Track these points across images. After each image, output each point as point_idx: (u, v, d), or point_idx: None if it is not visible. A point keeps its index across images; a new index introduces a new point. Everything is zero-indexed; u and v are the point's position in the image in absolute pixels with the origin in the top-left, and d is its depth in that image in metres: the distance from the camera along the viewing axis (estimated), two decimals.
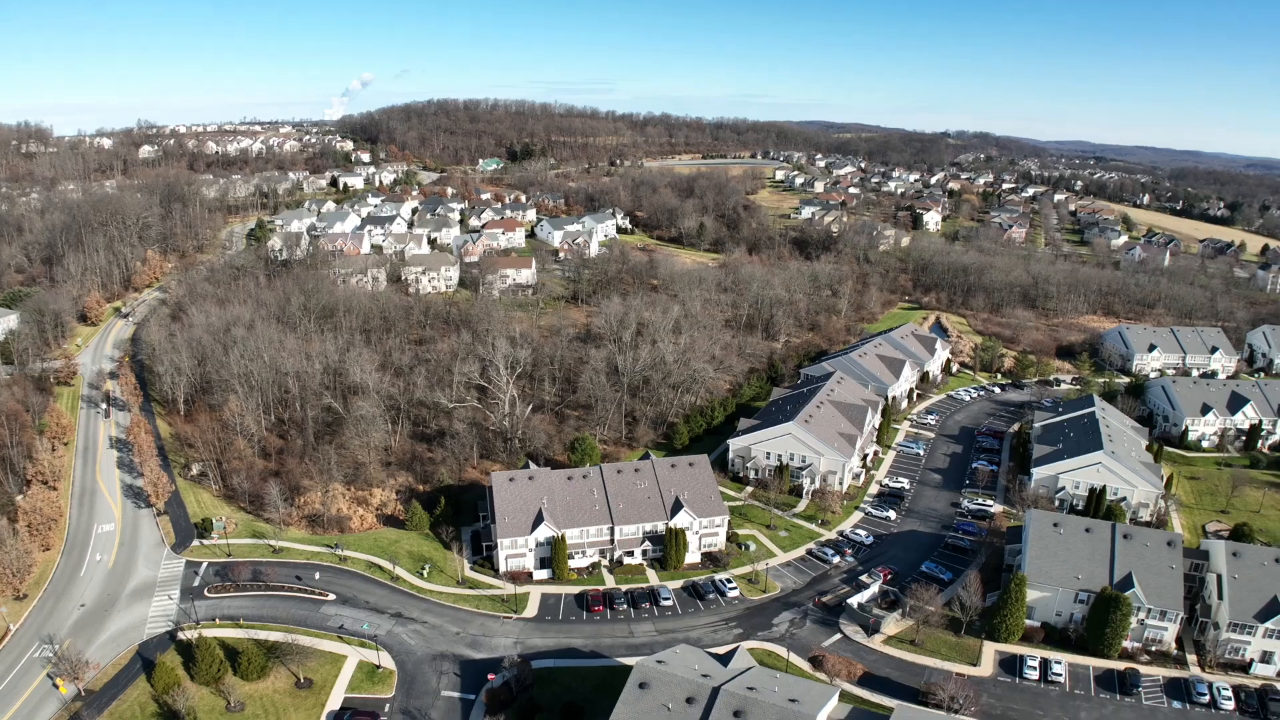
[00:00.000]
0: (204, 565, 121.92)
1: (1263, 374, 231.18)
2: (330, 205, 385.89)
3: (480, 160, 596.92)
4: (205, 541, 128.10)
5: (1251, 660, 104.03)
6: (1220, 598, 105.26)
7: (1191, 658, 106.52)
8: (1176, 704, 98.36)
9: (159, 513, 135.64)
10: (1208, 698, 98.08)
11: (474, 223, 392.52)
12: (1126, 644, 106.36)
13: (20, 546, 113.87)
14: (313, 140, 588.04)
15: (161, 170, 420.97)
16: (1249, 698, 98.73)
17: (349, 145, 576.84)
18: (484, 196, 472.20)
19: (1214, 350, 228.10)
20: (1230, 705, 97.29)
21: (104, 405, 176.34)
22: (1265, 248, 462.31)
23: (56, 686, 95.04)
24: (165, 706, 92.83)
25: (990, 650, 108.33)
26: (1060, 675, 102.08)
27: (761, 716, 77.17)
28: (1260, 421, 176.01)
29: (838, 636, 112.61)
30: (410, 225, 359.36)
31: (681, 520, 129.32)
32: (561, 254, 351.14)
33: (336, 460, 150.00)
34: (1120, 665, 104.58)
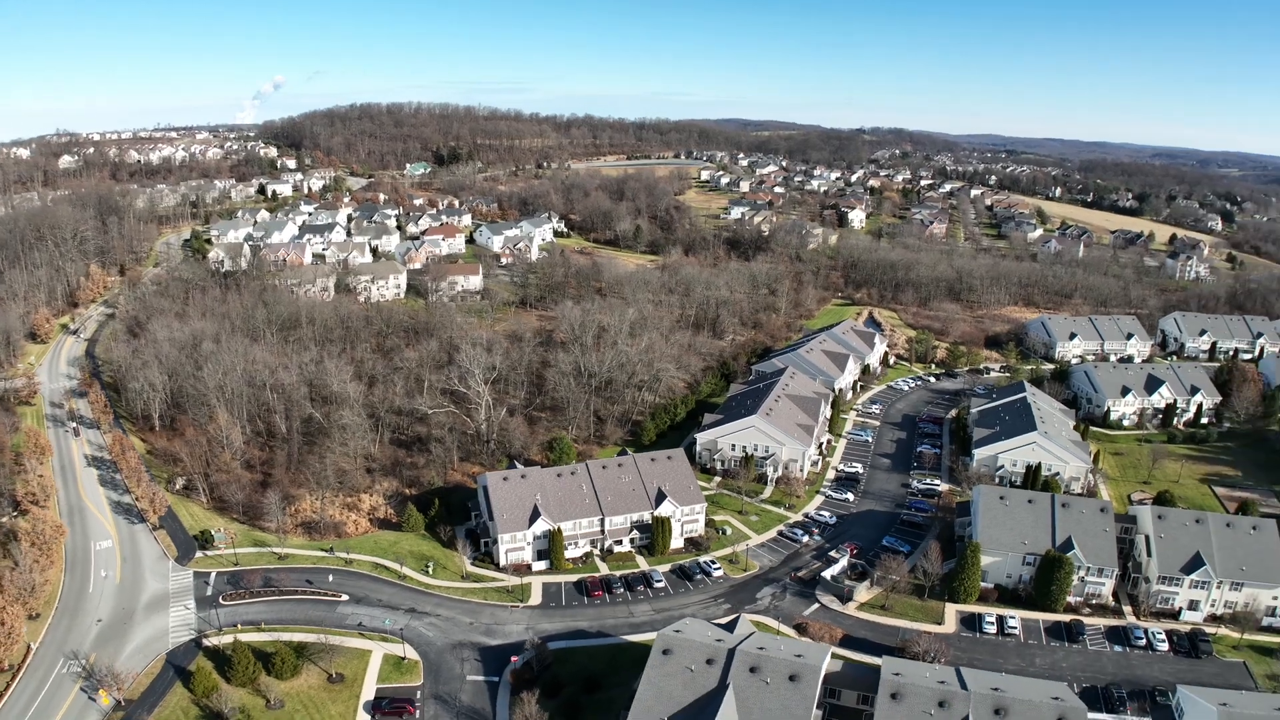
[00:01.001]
0: (212, 575, 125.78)
1: (1175, 357, 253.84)
2: (264, 214, 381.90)
3: (407, 165, 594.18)
4: (209, 553, 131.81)
5: (1180, 608, 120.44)
6: (1149, 555, 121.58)
7: (1127, 609, 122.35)
8: (1118, 648, 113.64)
9: (155, 527, 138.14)
10: (1144, 641, 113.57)
11: (412, 229, 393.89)
12: (1070, 599, 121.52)
13: (33, 566, 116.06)
14: (234, 147, 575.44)
15: (84, 181, 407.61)
16: (1180, 640, 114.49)
17: (273, 151, 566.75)
18: (417, 202, 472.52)
19: (1130, 336, 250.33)
20: (1165, 647, 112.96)
21: (72, 424, 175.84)
22: (1173, 237, 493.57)
23: (96, 698, 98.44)
24: (207, 709, 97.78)
25: (952, 611, 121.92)
26: (1015, 628, 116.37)
27: (774, 669, 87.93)
28: (1175, 401, 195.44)
29: (816, 606, 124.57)
30: (349, 233, 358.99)
31: (665, 509, 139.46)
32: (503, 259, 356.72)
33: (321, 469, 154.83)
34: (1066, 617, 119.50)
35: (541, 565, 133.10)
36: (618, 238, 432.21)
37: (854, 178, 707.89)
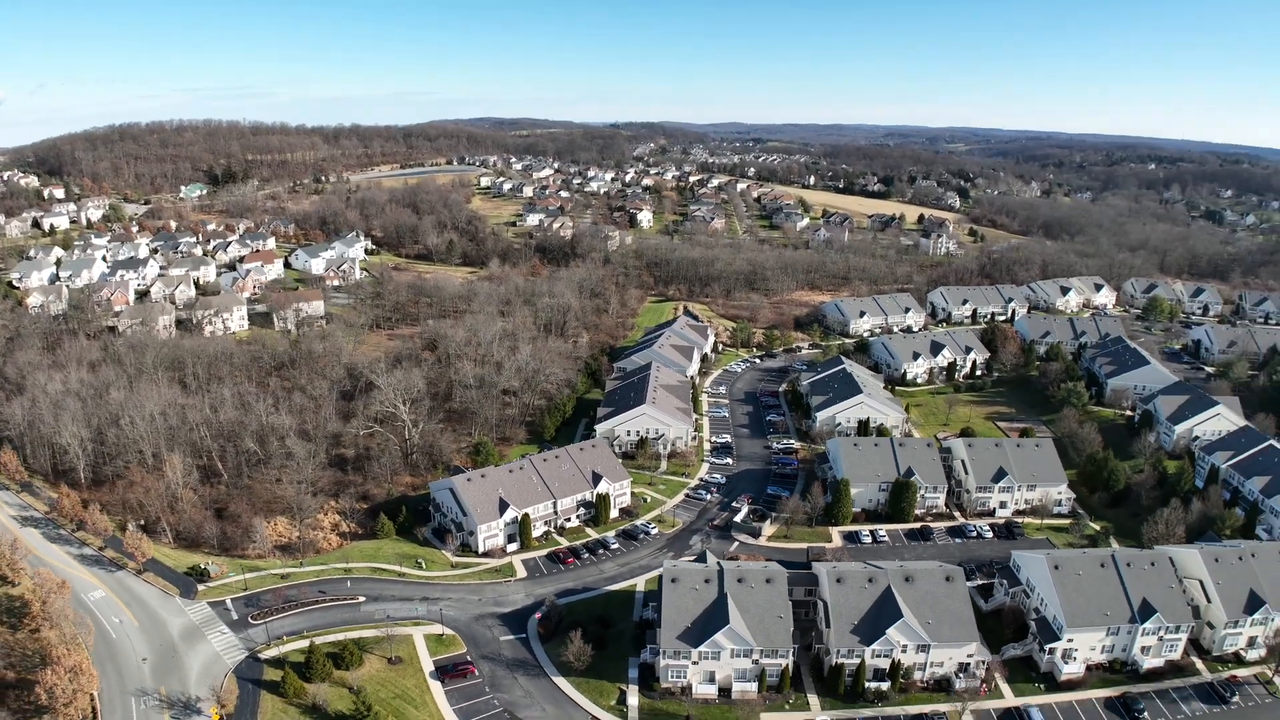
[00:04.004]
0: (228, 601, 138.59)
1: (945, 324, 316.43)
2: (59, 251, 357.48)
3: (182, 187, 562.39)
4: (210, 584, 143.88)
5: (995, 508, 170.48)
6: (967, 473, 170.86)
7: (957, 514, 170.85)
8: (958, 540, 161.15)
9: (139, 572, 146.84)
10: (975, 534, 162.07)
11: (222, 257, 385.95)
12: (917, 512, 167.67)
13: (69, 621, 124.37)
14: None
15: None
16: (1000, 529, 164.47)
17: (34, 181, 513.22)
18: (210, 227, 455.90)
19: (907, 310, 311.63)
20: (990, 535, 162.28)
21: None
22: (921, 217, 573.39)
23: (210, 716, 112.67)
24: (301, 707, 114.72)
25: (835, 532, 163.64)
26: (884, 537, 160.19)
27: (755, 579, 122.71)
28: (955, 360, 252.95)
29: (736, 544, 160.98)
30: (165, 267, 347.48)
31: (603, 487, 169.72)
32: (329, 282, 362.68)
33: (270, 496, 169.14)
34: (917, 525, 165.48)
35: (513, 547, 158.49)
36: (430, 252, 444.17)
37: (628, 178, 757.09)
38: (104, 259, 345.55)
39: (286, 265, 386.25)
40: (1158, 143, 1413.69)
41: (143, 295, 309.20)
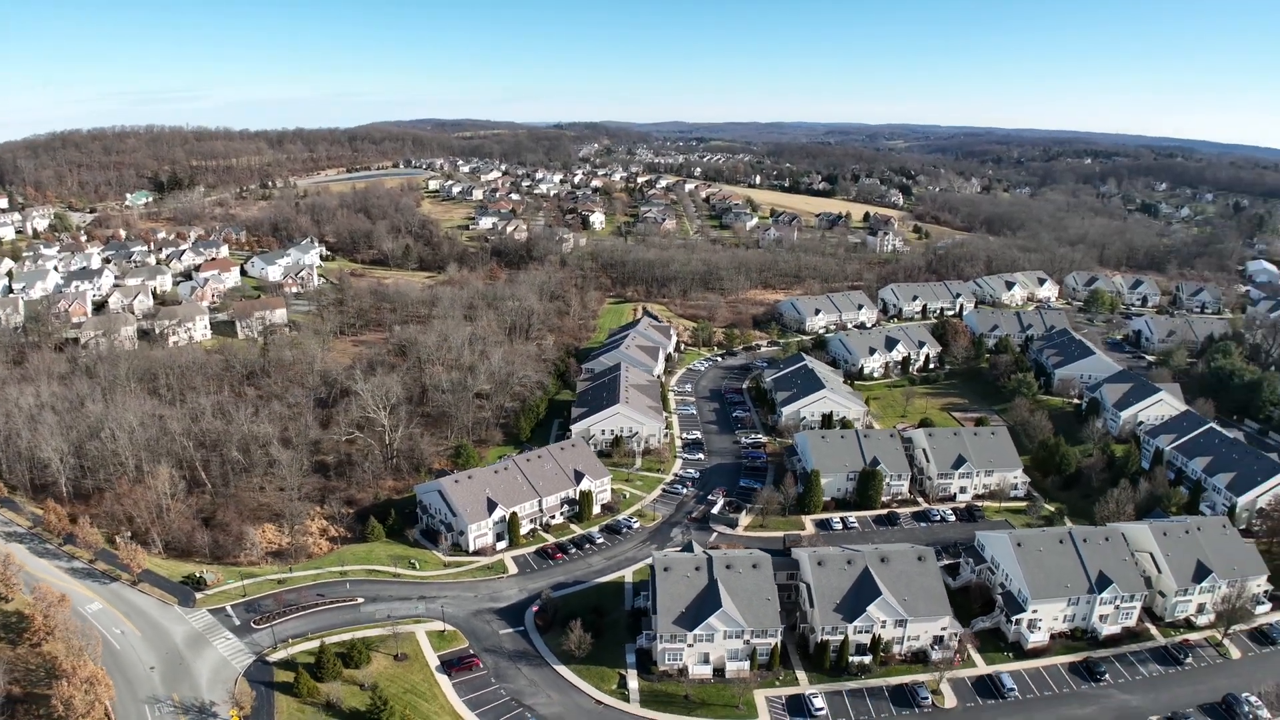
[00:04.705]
0: (229, 608, 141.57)
1: (896, 320, 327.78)
2: (9, 263, 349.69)
3: (128, 195, 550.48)
4: (208, 592, 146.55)
5: (956, 493, 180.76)
6: (928, 461, 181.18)
7: (921, 499, 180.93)
8: (923, 525, 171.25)
9: (134, 582, 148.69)
10: (939, 518, 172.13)
11: (177, 266, 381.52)
12: (884, 499, 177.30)
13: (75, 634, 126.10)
14: None
15: None
16: (962, 513, 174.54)
17: None
18: (160, 235, 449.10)
19: (860, 307, 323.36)
20: (953, 519, 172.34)
21: None
22: (867, 215, 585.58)
23: (230, 718, 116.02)
24: (315, 706, 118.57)
25: (808, 520, 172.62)
26: (854, 524, 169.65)
27: (742, 564, 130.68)
28: (909, 354, 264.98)
29: (715, 534, 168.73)
30: (120, 277, 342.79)
31: (586, 485, 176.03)
32: (288, 289, 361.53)
33: (256, 504, 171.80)
34: (884, 511, 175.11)
35: (503, 544, 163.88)
36: (386, 257, 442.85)
37: (577, 179, 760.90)
38: (56, 269, 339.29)
39: (243, 273, 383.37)
40: (1093, 137, 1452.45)
41: (100, 306, 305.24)
